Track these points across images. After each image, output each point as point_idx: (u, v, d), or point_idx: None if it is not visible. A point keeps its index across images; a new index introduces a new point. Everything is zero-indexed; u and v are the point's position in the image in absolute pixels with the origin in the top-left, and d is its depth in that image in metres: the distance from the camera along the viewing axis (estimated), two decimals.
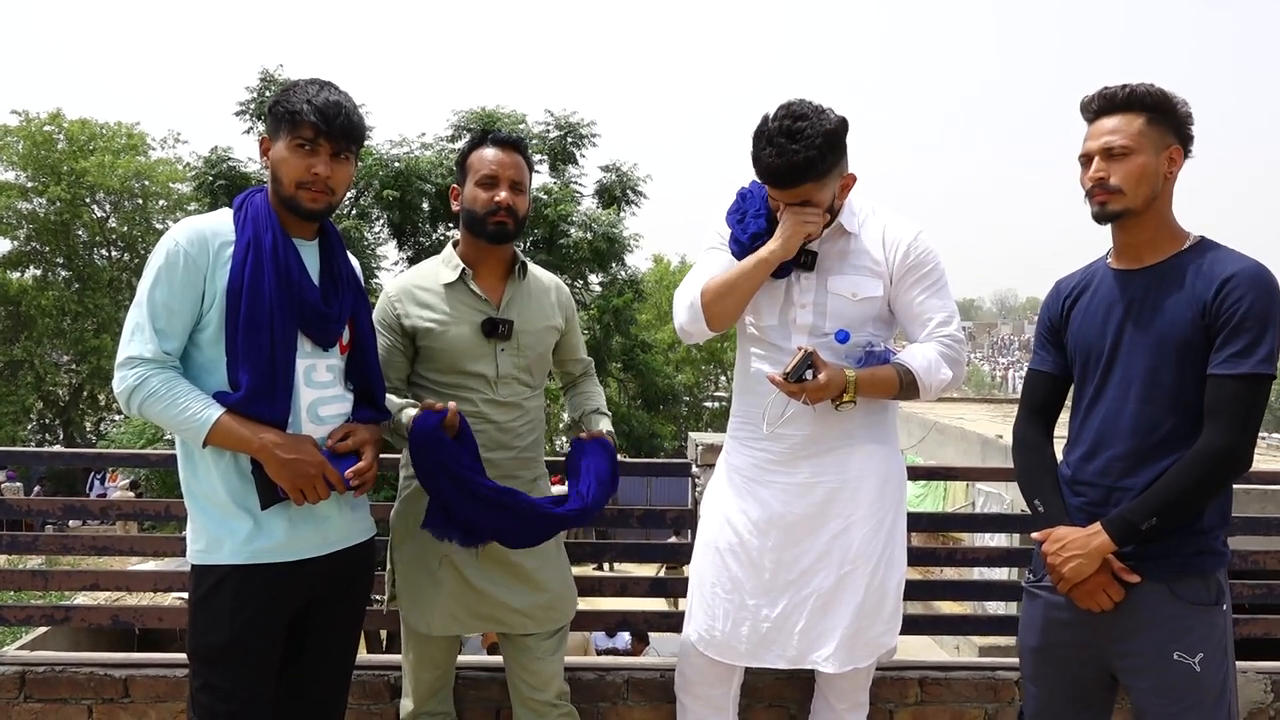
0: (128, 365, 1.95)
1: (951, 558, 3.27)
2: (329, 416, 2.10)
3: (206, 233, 2.00)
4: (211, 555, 2.00)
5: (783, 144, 2.15)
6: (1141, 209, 2.00)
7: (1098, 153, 2.01)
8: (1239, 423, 1.91)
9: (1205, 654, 1.97)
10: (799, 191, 2.21)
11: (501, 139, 2.41)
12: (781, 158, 2.15)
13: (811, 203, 2.23)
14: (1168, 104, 2.00)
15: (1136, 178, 1.98)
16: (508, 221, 2.37)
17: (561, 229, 15.24)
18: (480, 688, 2.86)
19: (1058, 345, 2.20)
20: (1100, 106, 2.03)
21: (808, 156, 2.14)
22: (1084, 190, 2.05)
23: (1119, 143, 1.98)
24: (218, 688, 1.98)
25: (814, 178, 2.18)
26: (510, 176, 2.37)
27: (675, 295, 2.47)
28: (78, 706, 2.85)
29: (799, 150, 2.13)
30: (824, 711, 2.55)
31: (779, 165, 2.16)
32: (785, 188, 2.21)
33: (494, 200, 2.36)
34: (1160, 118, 2.00)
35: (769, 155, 2.17)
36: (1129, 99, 2.00)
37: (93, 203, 24.70)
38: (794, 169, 2.15)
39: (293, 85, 2.07)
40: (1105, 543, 1.98)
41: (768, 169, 2.19)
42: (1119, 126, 2.00)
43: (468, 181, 2.40)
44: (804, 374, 2.19)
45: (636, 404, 19.21)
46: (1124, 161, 1.98)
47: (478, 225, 2.38)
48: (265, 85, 15.21)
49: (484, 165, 2.38)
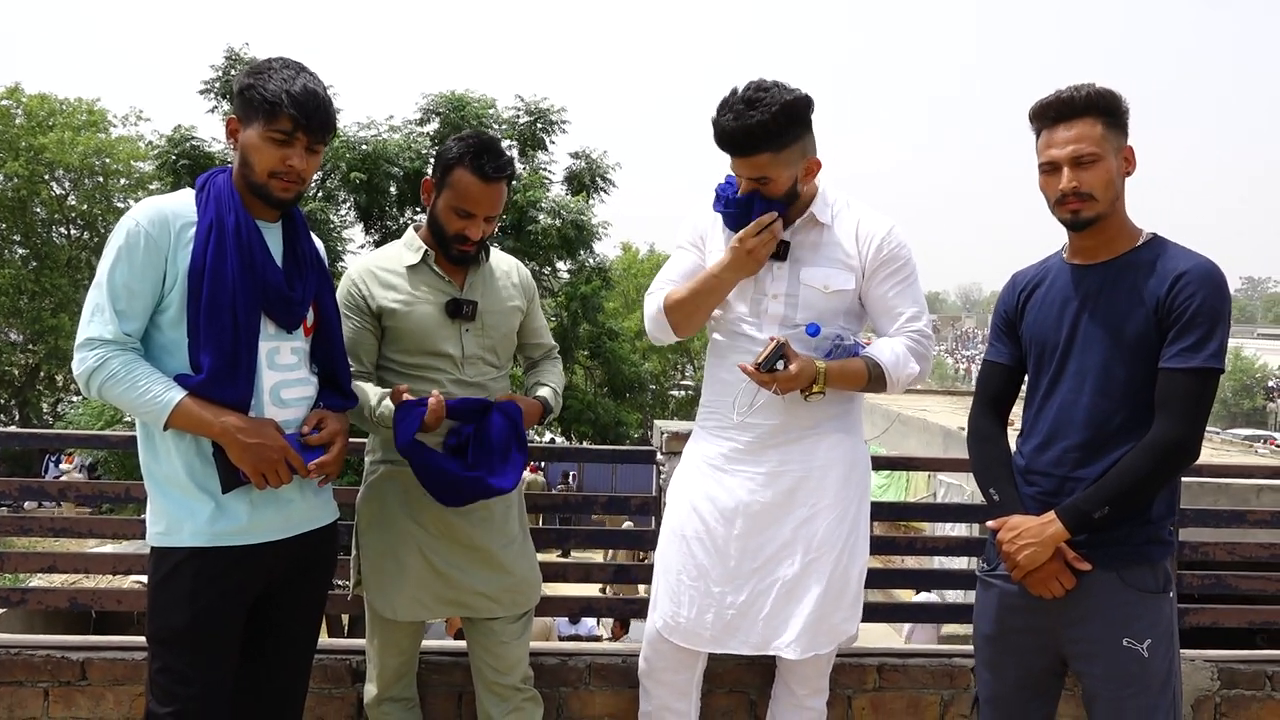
0: (87, 347, 1.93)
1: (911, 546, 3.32)
2: (292, 399, 2.09)
3: (168, 213, 1.98)
4: (172, 537, 1.99)
5: (741, 109, 2.17)
6: (1109, 213, 2.04)
7: (1066, 161, 2.02)
8: (1189, 415, 1.96)
9: (1153, 640, 2.02)
10: (756, 162, 2.22)
11: (490, 173, 2.30)
12: (738, 121, 2.17)
13: (770, 179, 2.24)
14: (1118, 105, 2.04)
15: (1105, 183, 2.01)
16: (470, 250, 2.37)
17: (530, 215, 15.18)
18: (443, 672, 2.86)
19: (1013, 337, 2.24)
20: (1059, 113, 2.04)
21: (762, 122, 2.15)
22: (1050, 198, 2.07)
23: (1088, 150, 2.00)
24: (177, 670, 1.97)
25: (771, 147, 2.19)
26: (486, 212, 2.34)
27: (646, 298, 2.50)
28: (34, 689, 2.82)
29: (755, 115, 2.15)
30: (784, 697, 2.58)
31: (735, 128, 2.18)
32: (742, 155, 2.21)
33: (464, 232, 2.34)
34: (1113, 120, 2.03)
35: (727, 120, 2.18)
36: (1086, 103, 2.02)
37: (51, 180, 24.15)
38: (750, 133, 2.16)
39: (265, 68, 2.02)
40: (1059, 531, 2.02)
41: (723, 133, 2.20)
42: (1084, 133, 2.01)
43: (444, 194, 2.34)
44: (776, 364, 2.21)
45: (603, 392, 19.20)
46: (1093, 169, 2.01)
47: (443, 242, 2.37)
48: (230, 64, 14.98)
49: (466, 194, 2.31)
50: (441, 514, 2.36)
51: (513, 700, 2.46)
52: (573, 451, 5.69)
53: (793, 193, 2.31)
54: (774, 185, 2.26)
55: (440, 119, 15.58)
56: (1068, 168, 2.02)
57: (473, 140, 2.33)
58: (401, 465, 2.36)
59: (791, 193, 2.31)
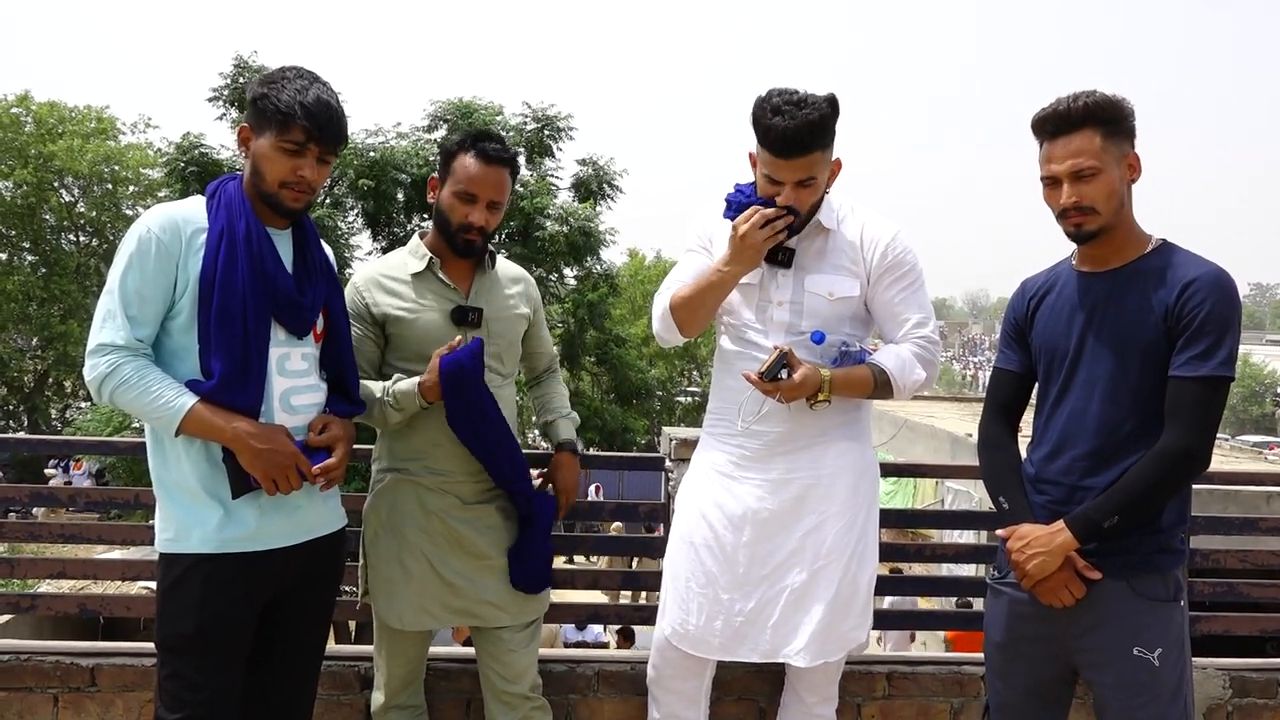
0: (99, 353, 1.94)
1: (920, 553, 3.31)
2: (302, 406, 2.10)
3: (179, 220, 1.99)
4: (180, 544, 1.99)
5: (791, 110, 2.17)
6: (1115, 223, 2.03)
7: (1066, 176, 2.01)
8: (1198, 424, 1.95)
9: (1164, 649, 2.01)
10: (809, 161, 2.22)
11: (491, 153, 2.34)
12: (794, 120, 2.17)
13: (815, 179, 2.24)
14: (1119, 112, 2.01)
15: (1107, 195, 2.00)
16: (476, 240, 2.37)
17: (537, 222, 15.20)
18: (451, 679, 2.86)
19: (1023, 344, 2.23)
20: (1057, 127, 2.02)
21: (821, 118, 2.17)
22: (1054, 211, 2.06)
23: (1087, 164, 1.98)
24: (185, 677, 1.97)
25: (822, 145, 2.21)
26: (490, 196, 2.35)
27: (653, 299, 2.50)
28: (43, 695, 2.82)
29: (810, 113, 2.17)
30: (793, 705, 2.58)
31: (793, 128, 2.17)
32: (798, 154, 2.20)
33: (468, 218, 2.34)
34: (1113, 128, 2.00)
35: (781, 121, 2.18)
36: (1084, 115, 1.99)
37: (60, 187, 24.29)
38: (811, 127, 2.17)
39: (279, 77, 2.02)
40: (1068, 540, 2.01)
41: (782, 135, 2.18)
42: (1083, 147, 1.99)
43: (448, 184, 2.37)
44: (779, 373, 2.21)
45: (610, 398, 19.19)
46: (1093, 182, 1.99)
47: (449, 234, 2.38)
48: (239, 72, 15.04)
49: (466, 178, 2.33)
50: (448, 523, 2.37)
51: (521, 709, 2.45)
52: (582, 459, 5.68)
53: (822, 197, 2.33)
54: (817, 185, 2.27)
55: (448, 125, 15.62)
56: (1068, 183, 2.01)
57: (473, 130, 2.40)
58: (408, 474, 2.37)
59: (821, 196, 2.32)
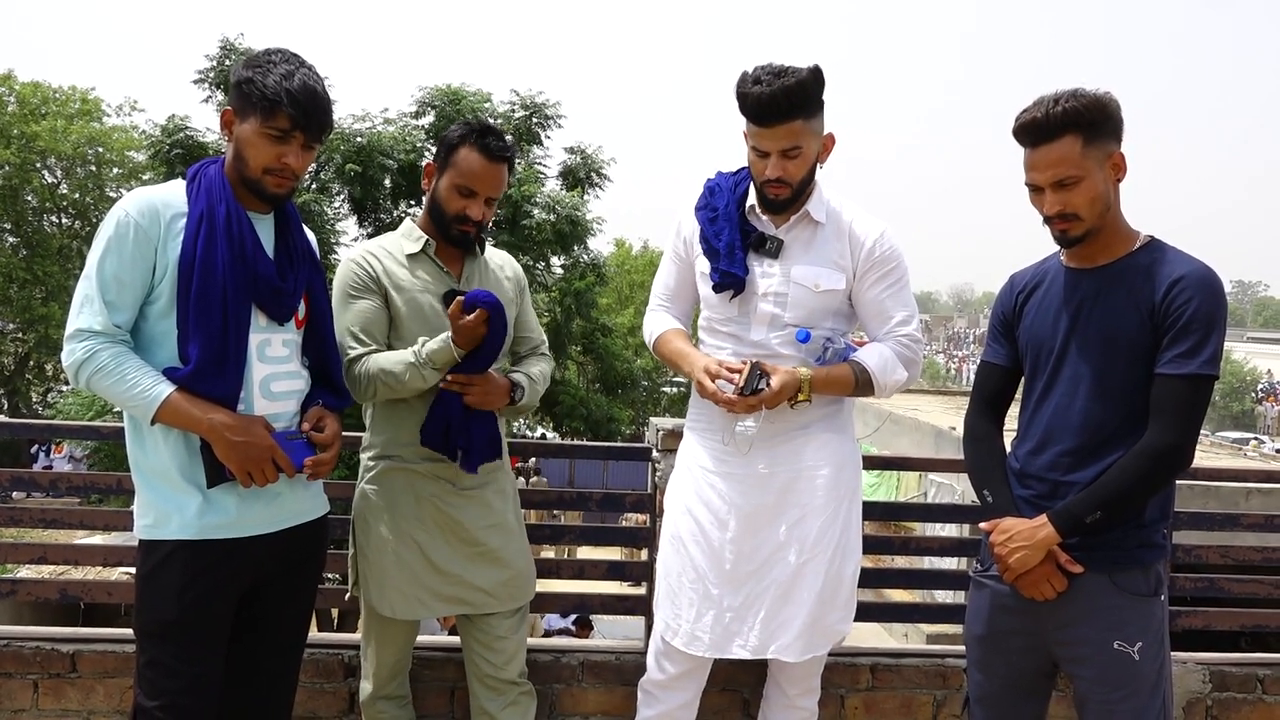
0: (76, 338, 1.91)
1: (905, 546, 3.31)
2: (281, 392, 2.08)
3: (158, 203, 1.96)
4: (160, 530, 1.97)
5: (770, 79, 2.17)
6: (1101, 225, 2.02)
7: (1047, 185, 2.00)
8: (1182, 421, 1.96)
9: (1144, 643, 2.02)
10: (790, 129, 2.21)
11: (494, 150, 2.34)
12: (771, 88, 2.16)
13: (800, 149, 2.23)
14: (1101, 113, 1.97)
15: (1090, 201, 1.98)
16: (470, 232, 2.38)
17: (525, 210, 15.12)
18: (435, 668, 2.85)
19: (1010, 339, 2.23)
20: (1035, 136, 1.99)
21: (799, 84, 2.16)
22: (1041, 216, 2.05)
23: (1067, 173, 1.97)
24: (165, 664, 1.96)
25: (803, 113, 2.20)
26: (488, 192, 2.36)
27: (646, 314, 2.59)
28: (23, 681, 2.80)
29: (788, 79, 2.16)
30: (776, 697, 2.58)
31: (770, 94, 2.16)
32: (777, 120, 2.19)
33: (465, 211, 2.34)
34: (1095, 131, 1.96)
35: (759, 89, 2.17)
36: (1063, 122, 1.95)
37: (43, 168, 24.02)
38: (788, 94, 2.16)
39: (264, 60, 1.99)
40: (1051, 534, 2.01)
41: (758, 101, 2.18)
42: (1064, 155, 1.96)
43: (447, 174, 2.36)
44: (758, 385, 2.20)
45: (595, 388, 19.15)
46: (1076, 190, 1.98)
47: (443, 224, 2.38)
48: (225, 54, 14.88)
49: (469, 172, 2.33)
50: (441, 508, 2.37)
51: (509, 694, 2.45)
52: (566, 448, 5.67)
53: (813, 171, 2.32)
54: (805, 156, 2.26)
55: (435, 112, 15.51)
56: (1050, 191, 2.00)
57: (477, 123, 2.39)
58: (401, 460, 2.36)
59: (812, 171, 2.31)
